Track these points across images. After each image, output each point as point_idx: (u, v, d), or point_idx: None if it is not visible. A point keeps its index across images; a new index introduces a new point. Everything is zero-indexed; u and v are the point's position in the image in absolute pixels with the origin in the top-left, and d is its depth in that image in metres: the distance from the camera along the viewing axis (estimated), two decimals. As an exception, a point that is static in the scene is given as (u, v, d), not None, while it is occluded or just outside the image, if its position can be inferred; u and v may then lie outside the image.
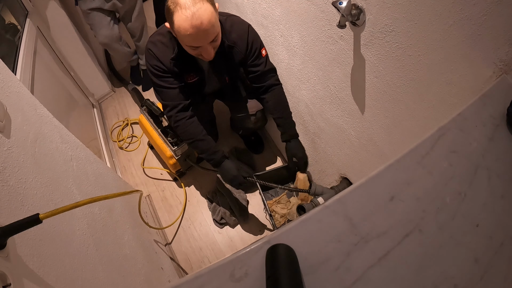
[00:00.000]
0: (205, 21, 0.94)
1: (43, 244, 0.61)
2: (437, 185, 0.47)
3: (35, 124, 0.80)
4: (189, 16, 0.93)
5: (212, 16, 0.97)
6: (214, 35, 1.01)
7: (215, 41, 1.04)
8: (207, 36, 0.99)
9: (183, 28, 0.95)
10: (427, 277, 0.40)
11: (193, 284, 0.39)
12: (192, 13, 0.93)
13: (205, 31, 0.96)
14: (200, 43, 1.00)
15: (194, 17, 0.93)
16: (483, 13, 0.53)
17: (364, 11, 0.74)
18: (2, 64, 0.76)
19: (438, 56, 0.64)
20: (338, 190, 1.28)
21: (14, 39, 1.38)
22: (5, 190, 0.57)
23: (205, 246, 1.63)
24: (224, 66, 1.25)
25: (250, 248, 0.41)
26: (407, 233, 0.43)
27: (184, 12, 0.93)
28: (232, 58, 1.21)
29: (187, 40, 0.99)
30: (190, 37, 0.97)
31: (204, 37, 0.98)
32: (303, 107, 1.29)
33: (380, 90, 0.83)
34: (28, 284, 0.52)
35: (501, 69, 0.56)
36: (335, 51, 0.92)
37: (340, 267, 0.40)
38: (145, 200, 1.75)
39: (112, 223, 1.02)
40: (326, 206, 0.44)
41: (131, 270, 1.00)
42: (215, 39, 1.03)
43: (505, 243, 0.43)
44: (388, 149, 0.93)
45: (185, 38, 0.98)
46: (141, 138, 2.05)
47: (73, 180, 0.88)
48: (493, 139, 0.51)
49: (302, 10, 0.97)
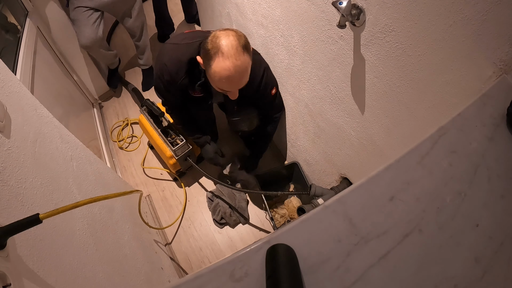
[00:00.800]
0: (242, 75, 0.97)
1: (43, 244, 0.61)
2: (437, 185, 0.47)
3: (35, 124, 0.80)
4: (230, 68, 0.94)
5: (249, 67, 0.99)
6: (246, 83, 1.04)
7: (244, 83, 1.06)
8: (240, 85, 1.02)
9: (220, 75, 0.96)
10: (427, 277, 0.40)
11: (193, 284, 0.39)
12: (234, 66, 0.94)
13: (240, 82, 1.00)
14: (231, 89, 1.03)
15: (234, 70, 0.94)
16: (483, 13, 0.53)
17: (364, 11, 0.74)
18: (2, 64, 0.76)
19: (438, 56, 0.64)
20: (338, 190, 1.28)
21: (14, 39, 1.38)
22: (5, 190, 0.57)
23: (205, 246, 1.63)
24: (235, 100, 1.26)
25: (250, 248, 0.41)
26: (407, 233, 0.43)
27: (226, 62, 0.94)
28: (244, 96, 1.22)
29: (219, 84, 1.01)
30: (224, 83, 0.99)
31: (237, 86, 1.02)
32: (303, 107, 1.29)
33: (380, 90, 0.83)
34: (28, 284, 0.52)
35: (501, 69, 0.56)
36: (335, 51, 0.92)
37: (340, 267, 0.40)
38: (145, 200, 1.75)
39: (112, 223, 1.02)
40: (326, 206, 0.44)
41: (131, 270, 1.00)
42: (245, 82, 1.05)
43: (505, 243, 0.43)
44: (388, 149, 0.93)
45: (218, 83, 1.01)
46: (141, 138, 2.05)
47: (73, 180, 0.88)
48: (493, 139, 0.51)
49: (302, 10, 0.97)
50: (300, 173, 1.59)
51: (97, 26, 1.72)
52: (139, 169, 1.93)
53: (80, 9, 1.64)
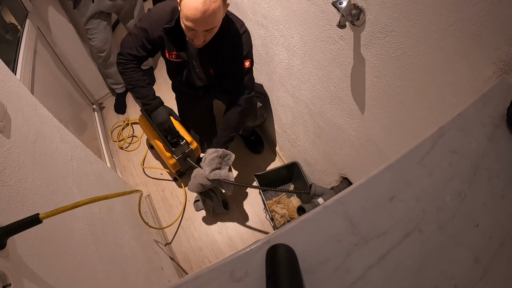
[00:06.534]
0: (210, 10, 0.99)
1: (43, 244, 0.61)
2: (437, 185, 0.47)
3: (35, 124, 0.80)
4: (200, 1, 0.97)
5: (219, 10, 1.02)
6: (211, 26, 1.05)
7: (210, 33, 1.08)
8: (205, 24, 1.03)
9: (189, 7, 0.99)
10: (427, 277, 0.40)
11: (193, 284, 0.39)
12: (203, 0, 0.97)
13: (206, 19, 1.00)
14: (196, 27, 1.03)
15: (204, 3, 0.97)
16: (483, 13, 0.53)
17: (364, 11, 0.74)
18: (2, 64, 0.76)
19: (438, 56, 0.64)
20: (338, 190, 1.28)
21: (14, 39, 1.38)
22: (5, 190, 0.57)
23: (205, 246, 1.63)
24: (210, 58, 1.27)
25: (250, 248, 0.41)
26: (407, 233, 0.43)
27: None
28: (219, 53, 1.24)
29: (187, 19, 1.03)
30: (190, 18, 1.01)
31: (202, 23, 1.02)
32: (303, 107, 1.29)
33: (380, 90, 0.83)
34: (28, 284, 0.52)
35: (501, 69, 0.56)
36: (335, 51, 0.92)
37: (340, 267, 0.40)
38: (145, 200, 1.75)
39: (112, 223, 1.02)
40: (326, 206, 0.44)
41: (131, 270, 1.00)
42: (211, 30, 1.07)
43: (505, 243, 0.43)
44: (388, 149, 0.93)
45: (186, 19, 1.03)
46: (141, 138, 2.05)
47: (73, 180, 0.88)
48: (493, 139, 0.51)
49: (302, 10, 0.97)
50: (300, 173, 1.59)
51: (109, 29, 1.84)
52: (139, 169, 1.93)
53: (93, 21, 1.73)
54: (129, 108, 2.21)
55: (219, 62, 1.28)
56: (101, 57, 1.90)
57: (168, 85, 1.80)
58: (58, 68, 1.75)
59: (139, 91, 1.33)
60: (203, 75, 1.36)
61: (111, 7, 1.72)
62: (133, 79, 1.31)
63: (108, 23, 1.83)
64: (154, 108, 1.36)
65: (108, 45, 1.87)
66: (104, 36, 1.81)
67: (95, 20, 1.73)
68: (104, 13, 1.74)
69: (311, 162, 1.50)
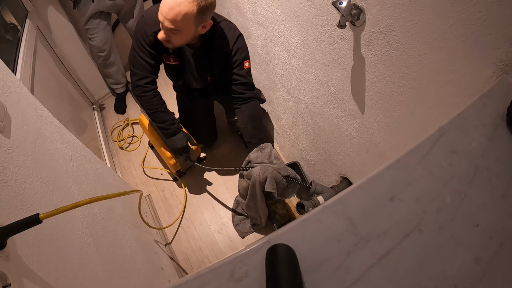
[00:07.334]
0: (178, 8, 0.99)
1: (43, 244, 0.61)
2: (437, 185, 0.47)
3: (35, 124, 0.80)
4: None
5: (189, 16, 1.01)
6: (175, 26, 1.04)
7: (174, 34, 1.07)
8: (169, 17, 1.02)
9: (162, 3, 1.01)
10: (427, 277, 0.40)
11: (193, 284, 0.39)
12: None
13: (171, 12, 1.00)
14: (161, 18, 1.03)
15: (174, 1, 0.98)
16: (483, 13, 0.53)
17: (364, 11, 0.74)
18: (2, 64, 0.76)
19: (438, 56, 0.64)
20: (338, 190, 1.28)
21: (14, 39, 1.38)
22: (5, 190, 0.57)
23: (205, 246, 1.63)
24: (207, 65, 1.28)
25: (250, 248, 0.41)
26: (407, 233, 0.43)
27: None
28: (217, 60, 1.25)
29: (160, 11, 1.03)
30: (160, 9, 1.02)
31: (166, 15, 1.02)
32: (303, 107, 1.29)
33: (380, 90, 0.83)
34: (28, 284, 0.52)
35: (501, 69, 0.56)
36: (335, 51, 0.92)
37: (340, 267, 0.40)
38: (145, 200, 1.75)
39: (112, 223, 1.02)
40: (326, 206, 0.44)
41: (131, 270, 1.00)
42: (175, 32, 1.06)
43: (505, 243, 0.43)
44: (388, 149, 0.93)
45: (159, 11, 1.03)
46: (141, 138, 2.05)
47: (73, 180, 0.88)
48: (493, 139, 0.51)
49: (302, 10, 0.97)
50: (300, 173, 1.59)
51: (109, 27, 1.84)
52: (139, 169, 1.93)
53: (93, 20, 1.73)
54: (129, 108, 2.21)
55: (216, 70, 1.29)
56: (101, 57, 1.90)
57: (168, 85, 1.80)
58: (58, 68, 1.75)
59: (159, 116, 1.34)
60: (200, 79, 1.37)
61: (111, 7, 1.72)
62: (152, 104, 1.31)
63: (108, 23, 1.83)
64: (173, 133, 1.38)
65: (108, 45, 1.87)
66: (104, 36, 1.82)
67: (95, 20, 1.73)
68: (104, 13, 1.74)
69: (311, 162, 1.50)
